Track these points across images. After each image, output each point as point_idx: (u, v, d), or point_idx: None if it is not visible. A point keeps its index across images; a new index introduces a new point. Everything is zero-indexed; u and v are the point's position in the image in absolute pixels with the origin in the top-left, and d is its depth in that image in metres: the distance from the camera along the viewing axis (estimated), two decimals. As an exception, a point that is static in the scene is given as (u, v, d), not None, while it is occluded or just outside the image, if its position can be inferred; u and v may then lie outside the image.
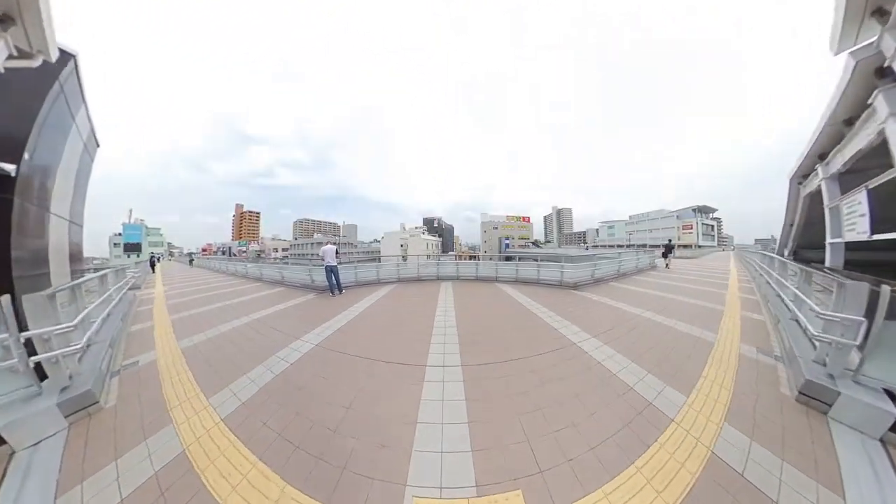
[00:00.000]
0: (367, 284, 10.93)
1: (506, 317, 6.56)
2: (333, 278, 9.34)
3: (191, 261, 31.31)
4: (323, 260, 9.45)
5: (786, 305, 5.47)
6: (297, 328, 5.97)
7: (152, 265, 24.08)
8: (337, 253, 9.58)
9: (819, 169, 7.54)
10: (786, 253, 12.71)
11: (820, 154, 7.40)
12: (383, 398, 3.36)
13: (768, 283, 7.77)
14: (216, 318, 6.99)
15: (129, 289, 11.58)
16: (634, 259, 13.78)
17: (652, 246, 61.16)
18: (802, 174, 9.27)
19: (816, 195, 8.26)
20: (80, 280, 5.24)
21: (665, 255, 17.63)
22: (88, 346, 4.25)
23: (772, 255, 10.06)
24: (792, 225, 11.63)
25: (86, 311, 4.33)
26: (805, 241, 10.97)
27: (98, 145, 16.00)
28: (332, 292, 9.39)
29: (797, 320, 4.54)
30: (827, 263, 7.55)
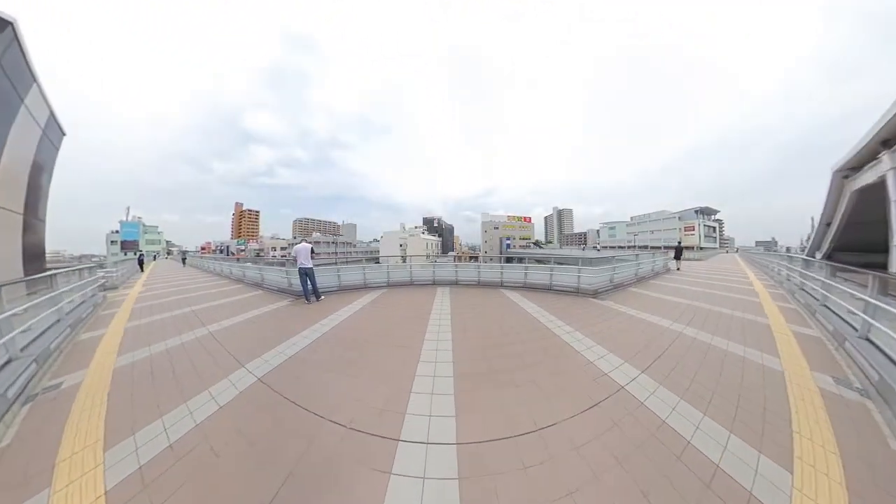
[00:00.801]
0: (352, 289, 9.57)
1: (519, 340, 5.02)
2: (309, 283, 8.15)
3: (183, 260, 30.06)
4: (296, 261, 8.24)
5: (845, 320, 4.55)
6: (251, 348, 4.80)
7: (140, 263, 23.29)
8: (313, 252, 8.34)
9: (884, 157, 6.35)
10: (818, 255, 11.71)
11: (884, 140, 6.28)
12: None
13: (801, 288, 6.83)
14: (172, 329, 6.05)
15: (104, 289, 10.87)
16: (651, 261, 12.80)
17: (653, 247, 60.12)
18: (852, 166, 8.11)
19: (869, 190, 7.17)
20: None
21: (677, 258, 17.34)
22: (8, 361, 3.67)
23: (803, 257, 9.07)
24: (829, 224, 10.49)
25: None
26: (844, 242, 9.94)
27: (63, 133, 14.89)
28: (308, 299, 8.15)
29: (870, 339, 3.64)
30: (893, 268, 6.54)
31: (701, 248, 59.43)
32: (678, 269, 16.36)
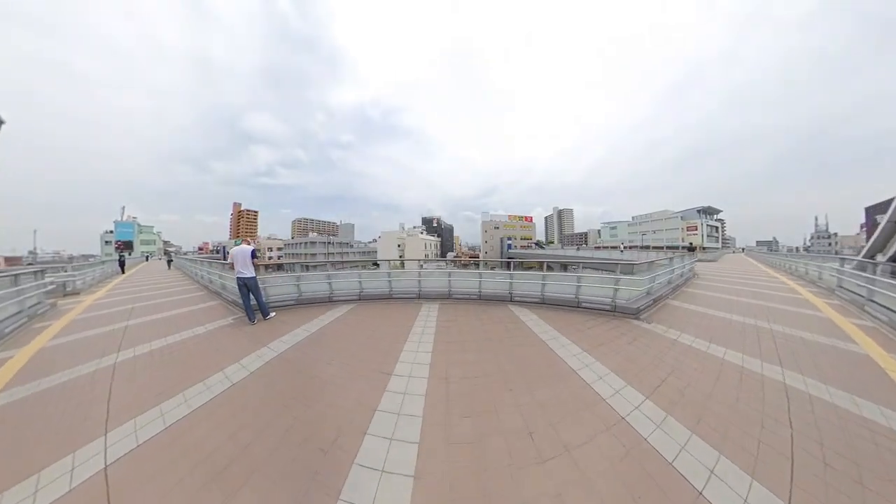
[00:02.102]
0: (313, 303, 7.40)
1: (545, 419, 2.78)
2: (251, 297, 6.25)
3: (169, 261, 27.93)
4: (232, 268, 6.30)
5: None
6: (140, 397, 3.24)
7: (121, 265, 21.47)
8: (255, 256, 6.34)
9: None
10: (881, 257, 9.86)
11: None
12: None
13: (871, 299, 5.05)
14: (85, 353, 4.80)
15: (66, 294, 10.33)
16: (681, 265, 10.87)
17: (655, 247, 58.16)
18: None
19: None
20: None
21: None
22: None
23: (859, 259, 7.30)
24: (899, 222, 8.66)
25: None
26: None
27: (2, 122, 13.35)
28: (250, 318, 6.19)
29: None
30: None
31: (704, 249, 57.92)
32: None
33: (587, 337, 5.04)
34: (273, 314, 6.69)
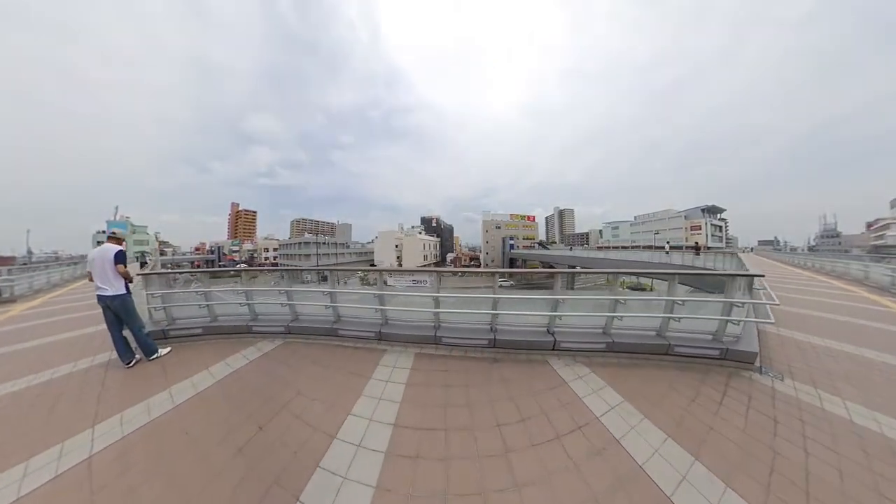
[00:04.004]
0: (227, 334, 4.75)
1: None
2: (123, 328, 4.05)
3: (142, 263, 24.93)
4: (92, 280, 4.01)
5: None
6: None
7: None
8: (121, 260, 3.99)
9: None
10: None
11: None
12: None
13: None
14: None
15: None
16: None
17: (658, 247, 55.93)
18: None
19: None
20: None
21: None
22: None
23: None
24: None
25: None
26: None
27: None
28: (123, 358, 3.99)
29: None
30: None
31: (708, 248, 55.96)
32: None
33: (698, 425, 2.63)
34: (165, 351, 4.36)
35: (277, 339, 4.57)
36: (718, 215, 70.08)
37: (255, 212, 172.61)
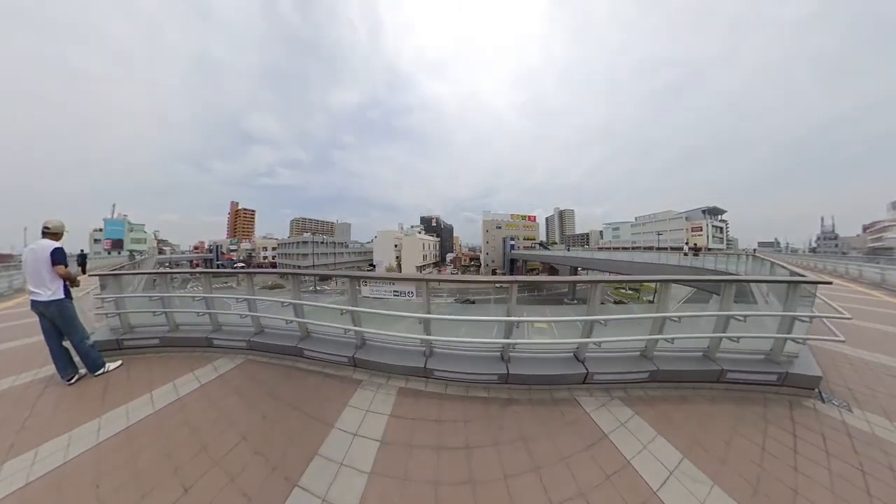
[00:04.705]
0: (183, 347, 4.08)
1: None
2: (62, 339, 3.43)
3: (83, 265, 20.20)
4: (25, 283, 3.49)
5: None
6: None
7: (82, 264, 18.07)
8: (59, 259, 3.35)
9: None
10: None
11: None
12: None
13: None
14: None
15: None
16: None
17: (659, 249, 55.32)
18: None
19: None
20: None
21: None
22: None
23: None
24: None
25: None
26: None
27: None
28: (63, 373, 3.40)
29: None
30: None
31: (709, 249, 55.56)
32: None
33: (780, 489, 2.00)
34: (114, 366, 3.75)
35: (239, 355, 3.88)
36: (719, 216, 69.85)
37: (253, 211, 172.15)
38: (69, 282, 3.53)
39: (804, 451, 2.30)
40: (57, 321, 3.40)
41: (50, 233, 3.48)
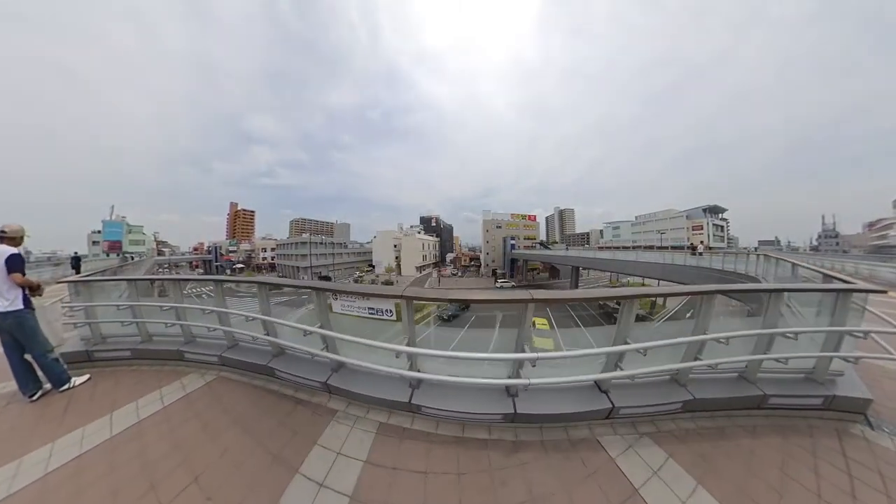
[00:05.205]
0: (154, 360, 3.73)
1: None
2: (24, 352, 3.12)
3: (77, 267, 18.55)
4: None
5: None
6: None
7: (76, 266, 17.49)
8: (16, 267, 3.00)
9: None
10: None
11: None
12: None
13: None
14: None
15: None
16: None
17: (660, 248, 55.02)
18: None
19: None
20: None
21: None
22: None
23: None
24: None
25: None
26: None
27: None
28: (23, 390, 3.10)
29: None
30: None
31: (710, 249, 55.28)
32: None
33: None
34: (80, 380, 3.46)
35: (210, 371, 3.52)
36: (720, 215, 69.70)
37: (253, 211, 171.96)
38: (30, 290, 3.25)
39: (865, 496, 1.97)
40: (16, 333, 3.10)
41: (7, 237, 3.18)
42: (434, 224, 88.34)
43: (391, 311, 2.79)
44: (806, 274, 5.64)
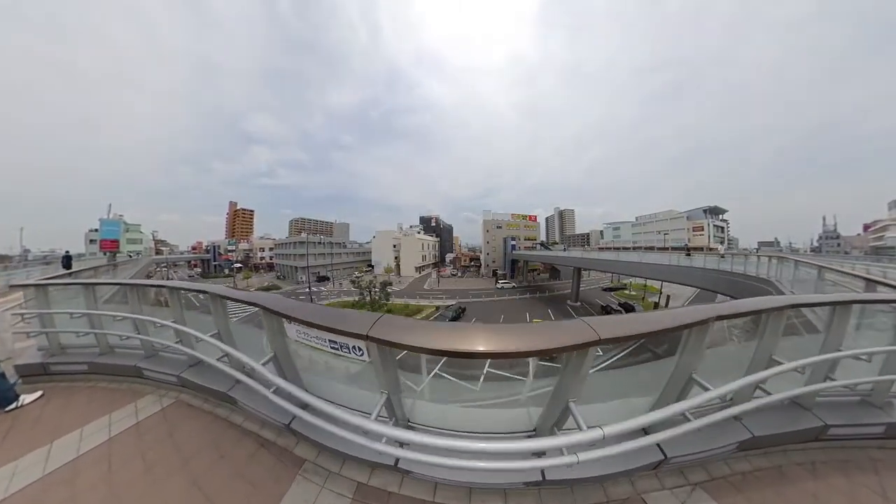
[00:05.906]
0: (112, 375, 3.24)
1: None
2: None
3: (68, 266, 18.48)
4: None
5: None
6: None
7: (67, 264, 17.00)
8: None
9: None
10: None
11: None
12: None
13: None
14: None
15: None
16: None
17: (660, 249, 54.64)
18: None
19: None
20: None
21: None
22: None
23: None
24: None
25: None
26: None
27: None
28: None
29: None
30: None
31: (710, 249, 54.99)
32: None
33: None
34: (31, 398, 3.05)
35: (170, 393, 3.01)
36: (720, 216, 69.42)
37: (252, 211, 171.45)
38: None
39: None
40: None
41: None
42: (434, 224, 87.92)
43: (361, 349, 1.97)
44: (834, 278, 5.21)
